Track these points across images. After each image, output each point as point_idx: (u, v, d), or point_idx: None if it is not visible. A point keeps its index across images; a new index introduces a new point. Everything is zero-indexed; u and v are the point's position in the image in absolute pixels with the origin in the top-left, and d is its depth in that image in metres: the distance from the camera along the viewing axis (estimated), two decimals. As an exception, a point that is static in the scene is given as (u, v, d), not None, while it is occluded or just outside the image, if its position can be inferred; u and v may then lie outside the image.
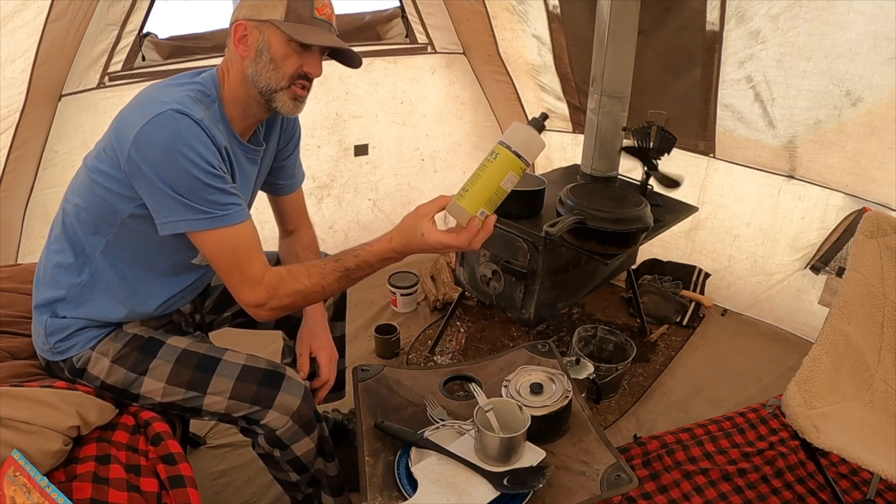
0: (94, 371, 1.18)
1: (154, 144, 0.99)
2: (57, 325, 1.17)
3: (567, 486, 1.05)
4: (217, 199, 1.04)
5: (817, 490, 1.61)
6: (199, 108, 1.06)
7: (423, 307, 2.56)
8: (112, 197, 1.08)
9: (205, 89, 1.12)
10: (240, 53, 1.11)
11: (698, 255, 2.61)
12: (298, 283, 1.10)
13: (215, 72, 1.17)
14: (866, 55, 1.78)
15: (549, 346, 1.45)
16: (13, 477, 0.88)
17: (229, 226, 1.06)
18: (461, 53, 2.87)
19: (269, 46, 1.09)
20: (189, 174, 1.00)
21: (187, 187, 1.01)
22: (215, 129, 1.08)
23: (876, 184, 2.00)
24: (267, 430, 1.18)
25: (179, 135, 0.99)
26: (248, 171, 1.26)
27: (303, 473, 1.27)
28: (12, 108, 1.77)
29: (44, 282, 1.20)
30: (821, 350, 1.39)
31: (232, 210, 1.06)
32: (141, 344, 1.20)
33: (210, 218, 1.04)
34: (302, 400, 1.19)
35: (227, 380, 1.17)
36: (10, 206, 1.95)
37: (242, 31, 1.10)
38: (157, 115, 0.99)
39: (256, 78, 1.11)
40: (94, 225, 1.13)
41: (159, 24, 2.23)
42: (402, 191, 2.96)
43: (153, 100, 1.04)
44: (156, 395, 1.18)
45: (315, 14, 1.10)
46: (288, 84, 1.13)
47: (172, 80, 1.14)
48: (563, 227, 1.59)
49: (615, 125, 2.02)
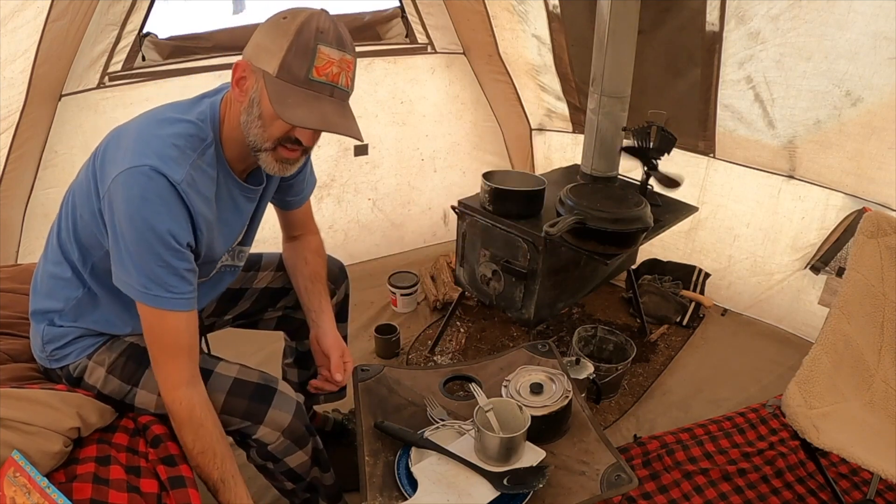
0: (91, 380, 1.17)
1: (121, 200, 0.95)
2: (54, 333, 1.16)
3: (567, 486, 1.05)
4: (161, 275, 1.00)
5: (817, 490, 1.62)
6: (185, 159, 1.00)
7: (423, 307, 2.56)
8: (96, 225, 1.05)
9: (198, 132, 1.04)
10: (236, 97, 1.03)
11: (698, 255, 2.61)
12: (201, 425, 1.05)
13: (217, 103, 1.09)
14: (866, 55, 1.78)
15: (549, 346, 1.45)
16: (13, 477, 0.88)
17: (161, 309, 1.01)
18: (461, 53, 2.87)
19: (259, 100, 0.99)
20: (144, 239, 0.96)
21: (140, 252, 0.97)
22: (202, 180, 1.03)
23: (876, 184, 2.00)
24: (259, 444, 1.17)
25: (147, 198, 0.95)
26: (244, 209, 1.22)
27: (298, 483, 1.26)
28: (12, 108, 1.77)
29: (41, 291, 1.18)
30: (821, 350, 1.39)
31: (169, 294, 1.01)
32: (135, 353, 1.17)
33: (146, 293, 1.00)
34: (293, 416, 1.16)
35: (219, 394, 1.13)
36: (10, 206, 1.95)
37: (241, 73, 1.01)
38: (131, 168, 0.95)
39: (246, 129, 1.03)
40: (83, 246, 1.11)
41: (159, 24, 2.24)
42: (401, 191, 2.96)
43: (137, 141, 0.99)
44: (149, 406, 1.16)
45: (312, 75, 0.96)
46: (273, 146, 1.03)
47: (167, 114, 1.06)
48: (563, 227, 1.59)
49: (615, 125, 2.02)
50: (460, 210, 1.94)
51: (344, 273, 1.56)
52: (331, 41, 0.97)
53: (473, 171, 3.04)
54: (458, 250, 2.03)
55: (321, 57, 0.96)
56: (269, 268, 1.49)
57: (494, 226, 1.85)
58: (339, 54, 0.98)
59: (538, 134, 3.07)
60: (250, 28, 2.40)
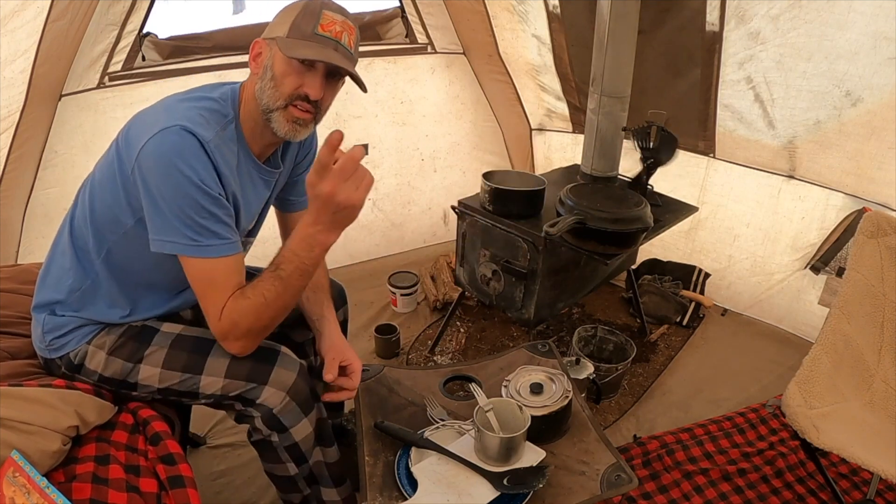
0: (91, 365, 1.18)
1: (155, 158, 1.00)
2: (55, 322, 1.18)
3: (567, 486, 1.05)
4: (208, 225, 1.04)
5: (817, 490, 1.61)
6: (211, 127, 1.06)
7: (423, 307, 2.56)
8: (116, 204, 1.09)
9: (221, 108, 1.12)
10: (252, 70, 1.13)
11: (698, 255, 2.61)
12: (245, 299, 1.07)
13: (237, 87, 1.17)
14: (866, 55, 1.78)
15: (549, 346, 1.45)
16: (13, 478, 0.88)
17: (213, 257, 1.05)
18: (461, 53, 2.87)
19: (272, 64, 1.09)
20: (184, 192, 1.00)
21: (181, 205, 1.01)
22: (226, 150, 1.08)
23: (876, 184, 2.00)
24: (263, 409, 1.15)
25: (181, 152, 1.00)
26: (261, 193, 1.26)
27: (301, 465, 1.24)
28: (12, 108, 1.78)
29: (47, 283, 1.21)
30: (821, 350, 1.39)
31: (219, 241, 1.06)
32: (136, 333, 1.20)
33: (196, 246, 1.03)
34: (297, 375, 1.17)
35: (223, 359, 1.15)
36: (10, 206, 1.96)
37: (258, 50, 1.12)
38: (163, 129, 1.00)
39: (260, 95, 1.11)
40: (98, 230, 1.14)
41: (159, 24, 2.24)
42: (402, 191, 2.96)
43: (165, 113, 1.04)
44: (153, 381, 1.17)
45: (317, 30, 1.08)
46: (285, 104, 1.10)
47: (190, 94, 1.14)
48: (563, 227, 1.59)
49: (615, 125, 2.02)
50: (460, 210, 1.94)
51: (343, 297, 1.56)
52: (334, 9, 1.11)
53: (473, 171, 3.04)
54: (458, 250, 2.03)
55: (325, 17, 1.08)
56: None
57: (494, 226, 1.85)
58: (342, 18, 1.11)
59: (538, 134, 3.07)
60: (250, 28, 2.43)
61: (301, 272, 1.06)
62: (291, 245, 1.05)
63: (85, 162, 2.12)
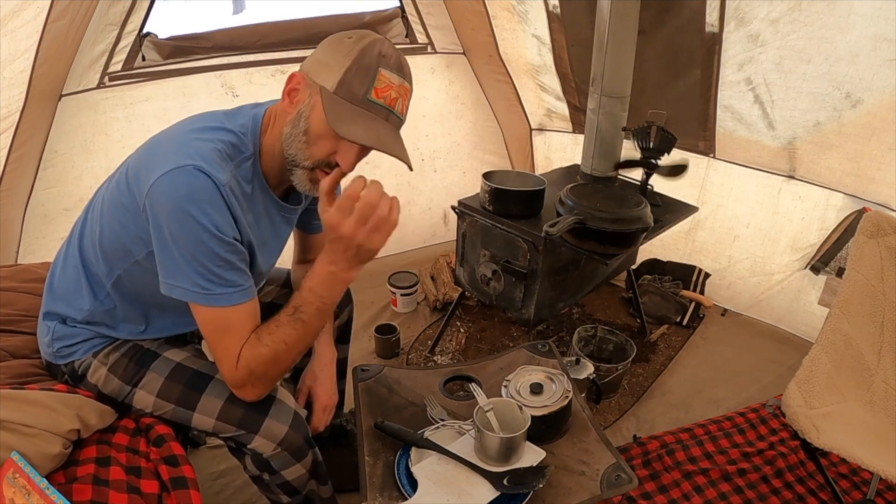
0: (93, 379, 1.17)
1: (167, 199, 0.92)
2: (65, 331, 1.17)
3: (567, 486, 1.05)
4: (221, 273, 0.97)
5: (817, 490, 1.62)
6: (227, 167, 0.98)
7: (423, 307, 2.56)
8: (126, 235, 1.04)
9: (240, 142, 1.03)
10: (283, 106, 1.02)
11: (698, 255, 2.61)
12: (263, 347, 1.01)
13: (261, 115, 1.07)
14: (866, 57, 1.78)
15: (549, 346, 1.45)
16: (13, 479, 0.88)
17: (226, 306, 0.99)
18: (461, 53, 2.87)
19: (309, 115, 0.98)
20: (198, 239, 0.94)
21: (193, 253, 0.94)
22: (243, 190, 1.01)
23: (876, 184, 2.00)
24: (254, 453, 1.14)
25: (194, 196, 0.92)
26: (282, 232, 1.19)
27: (294, 496, 1.22)
28: (12, 108, 1.77)
29: (58, 295, 1.18)
30: (821, 350, 1.39)
31: (232, 289, 0.99)
32: (137, 354, 1.17)
33: (207, 295, 0.97)
34: (290, 427, 1.13)
35: (216, 400, 1.12)
36: (10, 206, 1.95)
37: (295, 84, 1.00)
38: (176, 168, 0.92)
39: (287, 143, 1.02)
40: (108, 257, 1.09)
41: (159, 24, 2.24)
42: (402, 191, 2.95)
43: (178, 147, 0.96)
44: (147, 407, 1.16)
45: (371, 95, 0.96)
46: (311, 166, 1.02)
47: (206, 123, 1.04)
48: (563, 227, 1.59)
49: (615, 125, 2.02)
50: (460, 210, 1.94)
51: (349, 297, 1.55)
52: (392, 66, 0.98)
53: (473, 171, 3.04)
54: (458, 250, 2.03)
55: (381, 79, 0.96)
56: (276, 283, 1.47)
57: (494, 226, 1.85)
58: (399, 80, 1.00)
59: (538, 134, 3.07)
60: (250, 28, 2.42)
61: (321, 312, 1.02)
62: (311, 285, 1.01)
63: (85, 162, 2.12)
